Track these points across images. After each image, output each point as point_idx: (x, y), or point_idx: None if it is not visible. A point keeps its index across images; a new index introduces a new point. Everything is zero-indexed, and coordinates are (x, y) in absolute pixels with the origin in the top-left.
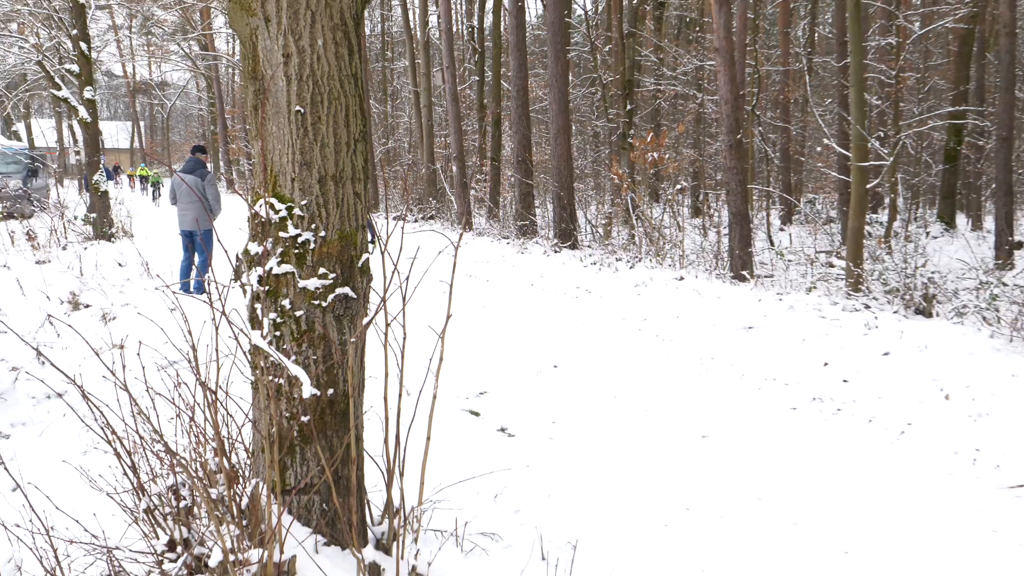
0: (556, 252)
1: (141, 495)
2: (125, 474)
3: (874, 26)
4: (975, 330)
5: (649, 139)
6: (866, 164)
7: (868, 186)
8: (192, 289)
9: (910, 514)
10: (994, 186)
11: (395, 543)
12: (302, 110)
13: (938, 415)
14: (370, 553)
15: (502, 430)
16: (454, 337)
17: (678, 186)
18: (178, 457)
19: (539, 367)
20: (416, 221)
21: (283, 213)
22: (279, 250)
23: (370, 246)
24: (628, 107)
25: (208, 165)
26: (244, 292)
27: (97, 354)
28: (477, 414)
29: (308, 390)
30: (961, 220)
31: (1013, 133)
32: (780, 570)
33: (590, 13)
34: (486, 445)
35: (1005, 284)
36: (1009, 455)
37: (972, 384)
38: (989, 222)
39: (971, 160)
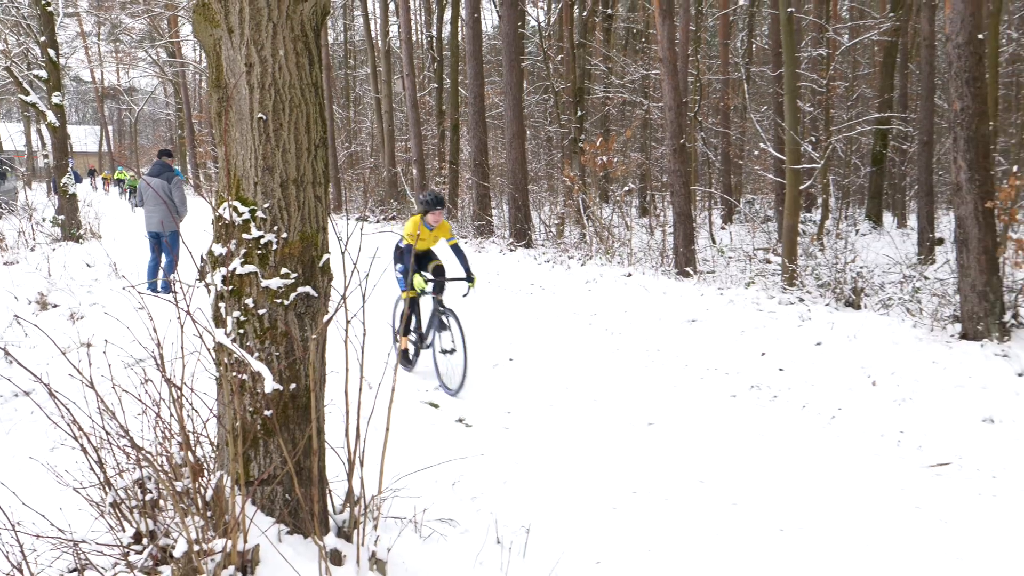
0: (512, 251)
1: (107, 489)
2: (92, 469)
3: (806, 38)
4: (899, 320)
5: (599, 143)
6: (799, 167)
7: (801, 187)
8: (159, 289)
9: (841, 493)
10: (916, 187)
11: (356, 531)
12: (264, 117)
13: (866, 400)
14: (331, 541)
15: (460, 421)
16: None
17: (626, 188)
18: (143, 452)
19: (495, 360)
20: (378, 222)
21: (246, 216)
22: (242, 251)
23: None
24: (579, 113)
25: (175, 168)
26: (209, 292)
27: (63, 353)
28: (436, 406)
29: (270, 385)
30: (887, 218)
31: (933, 138)
32: (721, 547)
33: (543, 24)
34: (445, 435)
35: (927, 278)
36: (930, 436)
37: (897, 371)
38: (913, 220)
39: (896, 163)
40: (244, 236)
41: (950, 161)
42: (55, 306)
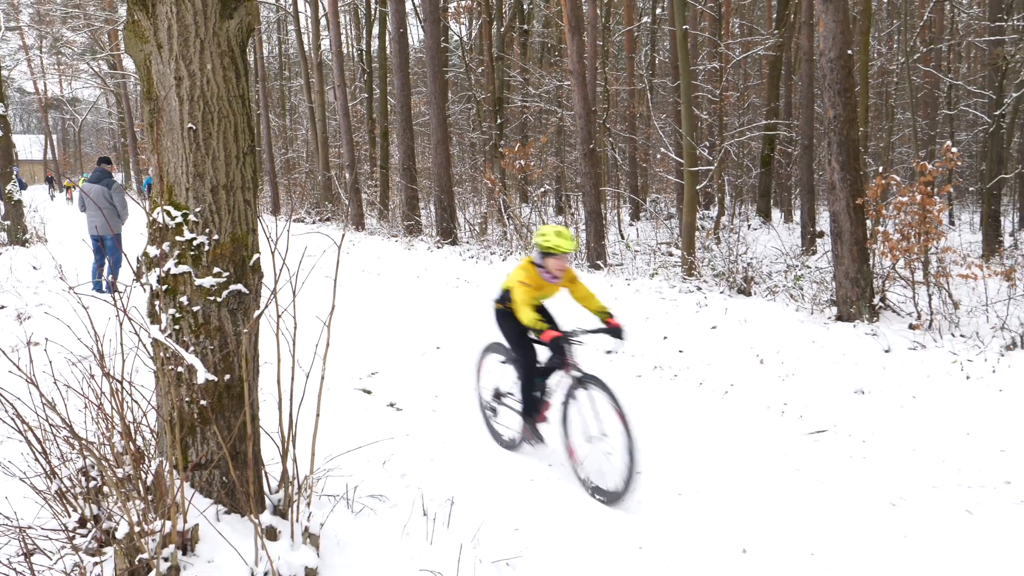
0: (439, 248)
1: (52, 478)
2: (36, 460)
3: (702, 53)
4: (784, 305)
5: (517, 148)
6: (696, 169)
7: (698, 187)
8: (104, 289)
9: (732, 459)
10: (800, 186)
11: (290, 508)
12: (194, 127)
13: (755, 376)
14: (267, 518)
15: (391, 405)
16: (349, 325)
17: (543, 189)
18: (84, 442)
19: (424, 349)
20: (314, 223)
21: (179, 219)
22: (176, 252)
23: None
24: (499, 121)
25: (114, 175)
26: (145, 291)
27: (4, 353)
28: (369, 392)
29: (202, 376)
30: (776, 214)
31: (813, 142)
32: (625, 511)
33: (465, 39)
34: (377, 419)
35: (808, 267)
36: (810, 407)
37: (782, 350)
38: (798, 216)
39: (782, 164)
40: (177, 238)
41: (825, 163)
42: (2, 307)
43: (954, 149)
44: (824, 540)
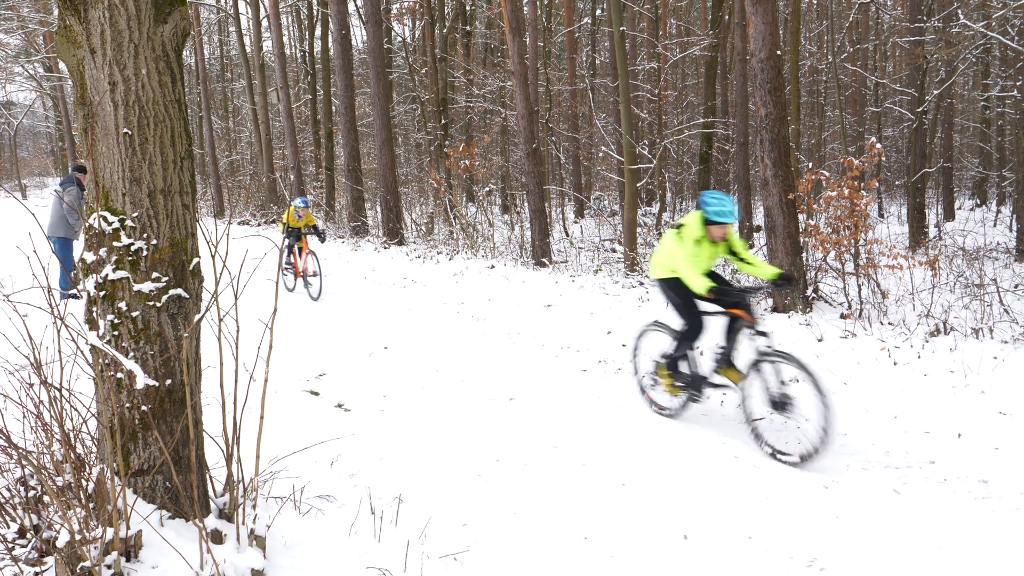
0: (385, 248)
1: None
2: None
3: (641, 53)
4: None
5: (462, 149)
6: (636, 166)
7: (639, 184)
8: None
9: (672, 449)
10: (737, 183)
11: (236, 512)
12: (130, 132)
13: None
14: (212, 522)
15: (339, 406)
16: (297, 327)
17: (488, 188)
18: (22, 450)
19: (372, 349)
20: (259, 225)
21: (116, 224)
22: (114, 258)
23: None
24: (443, 121)
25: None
26: (82, 297)
27: None
28: (317, 394)
29: (141, 382)
30: None
31: (749, 139)
32: (571, 503)
33: (408, 40)
34: (325, 420)
35: None
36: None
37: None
38: None
39: (720, 161)
40: (115, 244)
41: (758, 159)
42: None
43: (878, 145)
44: (761, 524)
